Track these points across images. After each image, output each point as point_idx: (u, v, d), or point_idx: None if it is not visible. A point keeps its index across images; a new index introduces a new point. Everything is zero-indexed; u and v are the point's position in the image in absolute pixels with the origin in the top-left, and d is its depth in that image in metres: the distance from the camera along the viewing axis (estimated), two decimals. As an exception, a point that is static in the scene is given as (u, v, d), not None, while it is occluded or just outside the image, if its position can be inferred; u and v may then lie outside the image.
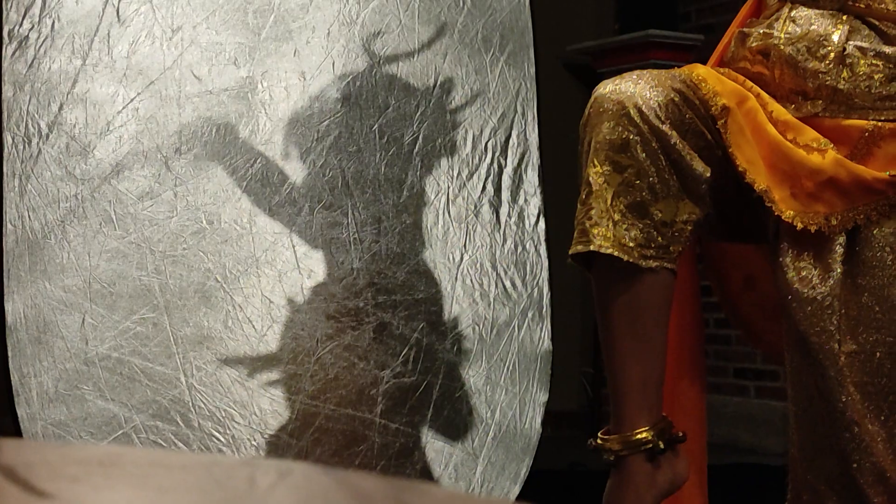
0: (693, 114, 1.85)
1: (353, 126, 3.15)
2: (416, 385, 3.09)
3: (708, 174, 1.86)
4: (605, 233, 1.81)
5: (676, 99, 1.84)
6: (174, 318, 2.91)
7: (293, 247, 3.00)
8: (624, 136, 1.82)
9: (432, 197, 3.20)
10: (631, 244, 1.82)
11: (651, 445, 1.85)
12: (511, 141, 3.32)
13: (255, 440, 2.94)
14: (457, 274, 3.18)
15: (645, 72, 1.87)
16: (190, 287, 2.92)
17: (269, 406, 2.98)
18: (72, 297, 2.82)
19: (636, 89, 1.84)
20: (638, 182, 1.82)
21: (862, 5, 1.94)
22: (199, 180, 2.96)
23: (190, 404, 2.89)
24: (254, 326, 2.98)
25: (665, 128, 1.82)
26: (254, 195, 3.01)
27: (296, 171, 3.06)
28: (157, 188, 2.92)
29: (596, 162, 1.82)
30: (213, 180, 2.97)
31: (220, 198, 2.97)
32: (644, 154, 1.81)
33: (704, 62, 2.15)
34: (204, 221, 2.95)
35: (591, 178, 1.82)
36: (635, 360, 1.84)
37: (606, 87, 1.86)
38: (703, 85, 1.87)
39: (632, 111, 1.82)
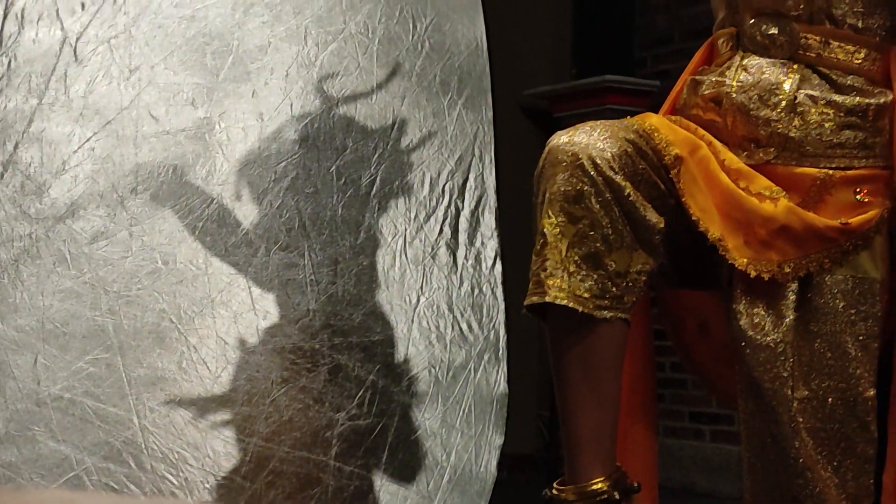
0: (646, 164, 1.87)
1: (310, 167, 3.15)
2: (372, 427, 3.08)
3: (661, 224, 1.87)
4: (559, 284, 1.82)
5: (629, 150, 1.86)
6: (128, 358, 2.89)
7: (249, 288, 2.99)
8: (578, 188, 1.83)
9: (389, 239, 3.20)
10: (585, 295, 1.83)
11: (606, 496, 1.85)
12: (468, 184, 3.33)
13: (208, 483, 2.92)
14: (413, 316, 3.18)
15: (598, 123, 1.89)
16: (144, 328, 2.90)
17: (223, 448, 2.95)
18: (24, 336, 2.80)
19: (590, 140, 1.85)
20: (592, 233, 1.83)
21: (812, 55, 1.97)
22: (154, 220, 2.95)
23: (143, 446, 2.87)
24: (208, 367, 2.96)
25: (619, 179, 1.84)
26: (210, 236, 3.00)
27: (252, 212, 3.06)
28: (112, 228, 2.91)
29: (550, 213, 1.83)
30: (168, 220, 2.96)
31: (176, 238, 2.95)
32: (598, 205, 1.83)
33: (660, 107, 2.17)
34: (159, 262, 2.94)
35: (545, 230, 1.84)
36: (589, 410, 1.85)
37: (560, 139, 1.88)
38: (656, 135, 1.89)
39: (586, 163, 1.83)
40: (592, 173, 1.83)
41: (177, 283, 2.95)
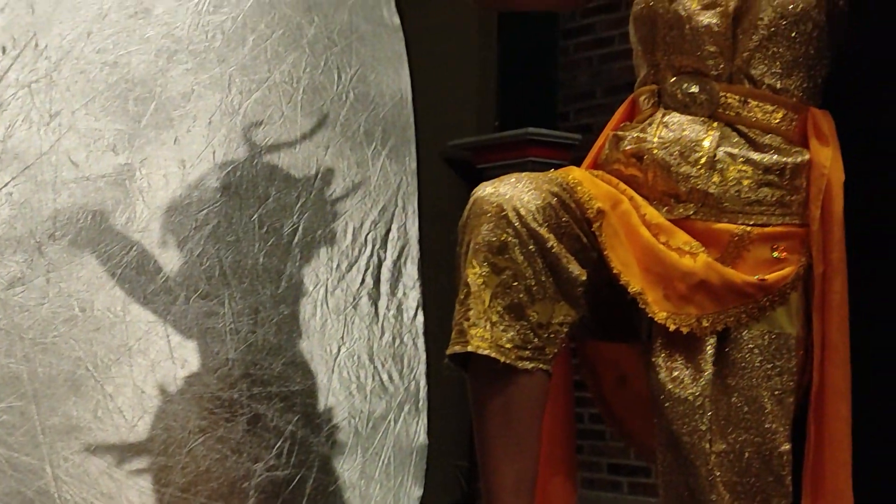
0: (569, 217, 1.89)
1: (232, 215, 3.14)
2: (290, 478, 3.06)
3: (584, 277, 1.89)
4: (482, 334, 1.83)
5: (553, 202, 1.88)
6: (42, 406, 2.84)
7: (167, 336, 2.96)
8: (502, 239, 1.84)
9: (311, 288, 3.19)
10: (508, 346, 1.83)
11: None
12: (391, 234, 3.34)
13: (122, 534, 2.87)
14: (333, 366, 3.17)
15: (523, 175, 1.91)
16: (59, 375, 2.86)
17: (138, 498, 2.91)
18: (-65, 384, 2.74)
19: (514, 192, 1.87)
20: (515, 284, 1.84)
21: (732, 113, 2.01)
22: (72, 267, 2.91)
23: (56, 496, 2.81)
24: (124, 416, 2.92)
25: (542, 231, 1.85)
26: (129, 283, 2.97)
27: (172, 260, 3.03)
28: (29, 274, 2.87)
29: (474, 263, 1.84)
30: (86, 267, 2.92)
31: (94, 285, 2.92)
32: (522, 256, 1.84)
33: (581, 160, 2.20)
34: (76, 308, 2.90)
35: (469, 280, 1.84)
36: (509, 461, 1.85)
37: (485, 190, 1.89)
38: (579, 188, 1.91)
39: (510, 214, 1.84)
40: (517, 224, 1.84)
41: (94, 330, 2.91)
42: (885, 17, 2.23)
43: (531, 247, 1.84)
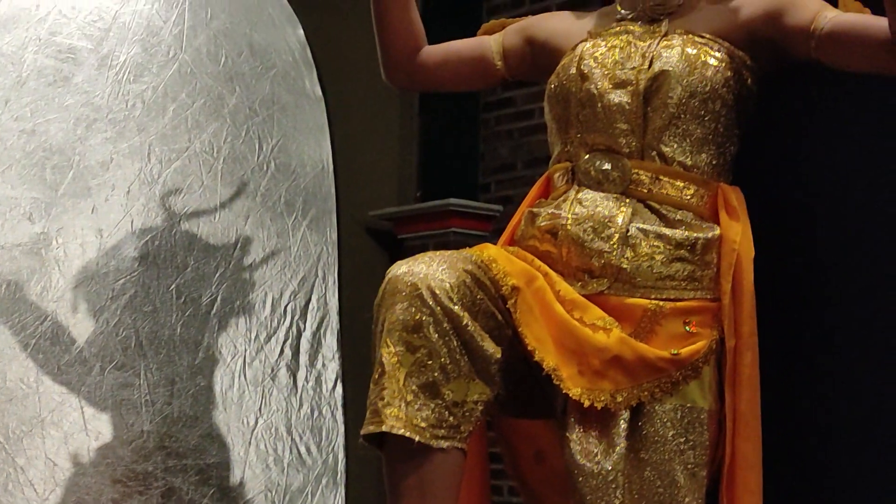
0: (484, 294, 1.90)
1: (149, 285, 3.11)
2: (205, 553, 3.02)
3: (499, 355, 1.90)
4: (397, 413, 1.82)
5: (468, 280, 1.88)
6: (-50, 480, 2.78)
7: (81, 407, 2.92)
8: (417, 318, 1.84)
9: (228, 359, 3.17)
10: (423, 424, 1.83)
11: None
12: (311, 305, 3.33)
13: None
14: (251, 438, 3.14)
15: (438, 253, 1.92)
16: (-31, 448, 2.80)
17: (48, 574, 2.86)
18: None
19: (429, 271, 1.87)
20: (430, 363, 1.84)
21: (644, 190, 2.04)
22: (-16, 337, 2.87)
23: (-38, 572, 2.76)
24: (35, 490, 2.87)
25: (457, 309, 1.86)
26: (42, 353, 2.93)
27: (88, 330, 3.00)
28: (-60, 344, 2.82)
29: (389, 342, 1.84)
30: (-1, 337, 2.88)
31: (7, 355, 2.88)
32: (436, 335, 1.84)
33: (502, 231, 2.21)
34: (-12, 380, 2.86)
35: (384, 359, 1.84)
36: None
37: (400, 269, 1.90)
38: (494, 265, 1.92)
39: (425, 293, 1.85)
40: (431, 303, 1.84)
41: (6, 401, 2.87)
42: (789, 96, 2.28)
43: (446, 325, 1.85)
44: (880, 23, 1.93)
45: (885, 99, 2.24)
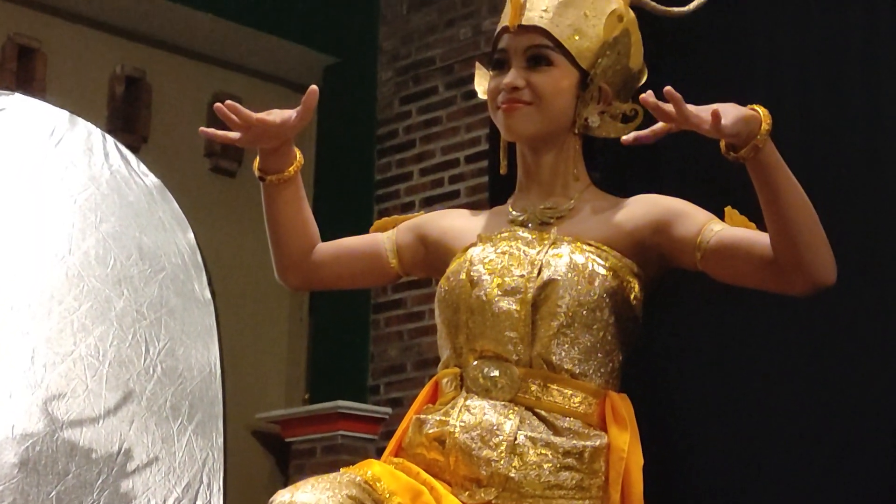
0: (370, 516, 1.89)
1: (28, 492, 3.02)
2: None
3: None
4: None
5: (351, 505, 1.87)
6: None
7: None
8: None
9: (109, 570, 3.07)
10: None
11: None
12: (195, 512, 3.26)
13: None
14: None
15: (321, 478, 1.91)
16: None
17: None
18: None
19: (312, 499, 1.86)
20: None
21: (532, 397, 2.05)
22: None
23: None
24: None
25: None
26: None
27: (-40, 542, 2.89)
28: None
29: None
30: None
31: None
32: None
33: (390, 435, 2.20)
34: None
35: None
36: None
37: (283, 497, 1.89)
38: (378, 485, 1.92)
39: (311, 523, 1.83)
40: None
41: None
42: (669, 306, 2.34)
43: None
44: (764, 239, 1.97)
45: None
